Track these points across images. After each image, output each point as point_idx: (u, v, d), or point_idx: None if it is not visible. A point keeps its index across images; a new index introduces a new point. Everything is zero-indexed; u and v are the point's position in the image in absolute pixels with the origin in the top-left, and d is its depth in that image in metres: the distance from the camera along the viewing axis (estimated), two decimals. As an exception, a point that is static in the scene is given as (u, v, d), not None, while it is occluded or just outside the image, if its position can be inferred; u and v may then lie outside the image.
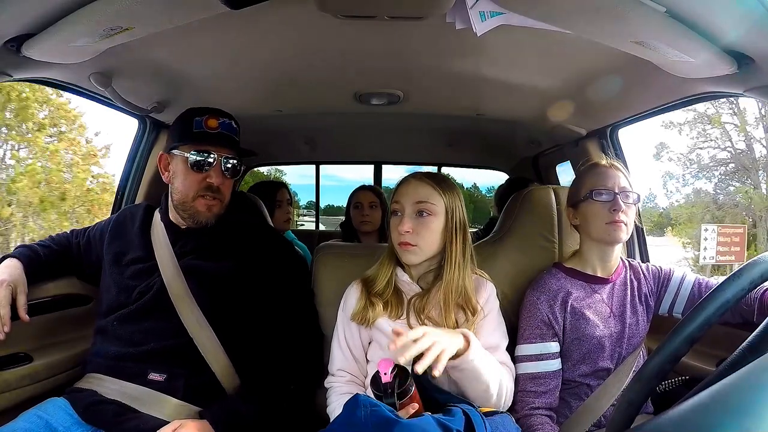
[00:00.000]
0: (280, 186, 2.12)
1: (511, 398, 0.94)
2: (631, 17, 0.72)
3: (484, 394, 0.86)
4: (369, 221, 1.94)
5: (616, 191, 1.01)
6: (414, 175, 1.00)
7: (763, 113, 10.71)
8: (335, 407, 0.94)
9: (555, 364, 1.00)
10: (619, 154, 1.56)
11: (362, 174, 2.89)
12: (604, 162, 1.08)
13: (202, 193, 1.02)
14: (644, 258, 1.51)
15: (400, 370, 0.76)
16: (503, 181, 2.44)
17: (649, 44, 0.80)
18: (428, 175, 1.00)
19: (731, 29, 0.72)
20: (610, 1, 0.70)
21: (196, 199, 1.02)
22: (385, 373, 0.75)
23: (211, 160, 1.01)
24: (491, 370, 0.86)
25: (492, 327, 0.97)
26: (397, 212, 0.98)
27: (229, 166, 1.04)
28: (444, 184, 0.98)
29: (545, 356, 1.00)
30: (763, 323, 0.52)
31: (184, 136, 1.02)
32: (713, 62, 0.80)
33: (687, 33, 0.74)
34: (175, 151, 1.03)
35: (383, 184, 2.76)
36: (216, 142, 1.02)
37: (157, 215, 1.11)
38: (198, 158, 1.01)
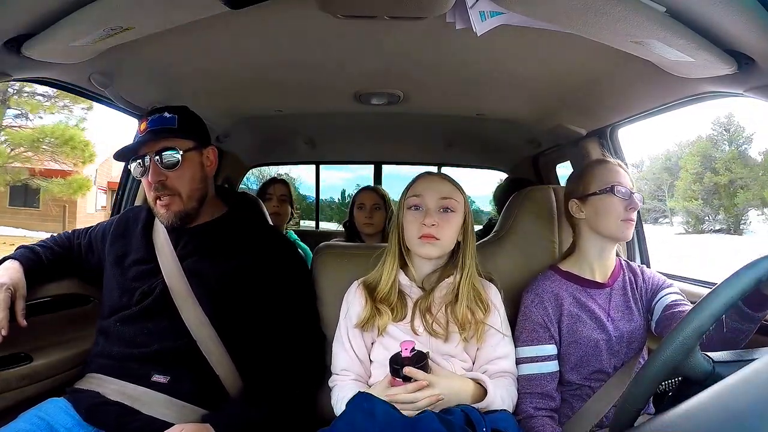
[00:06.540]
0: (275, 181, 2.13)
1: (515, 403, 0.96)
2: (631, 17, 0.72)
3: None
4: (371, 223, 1.93)
5: (633, 191, 1.01)
6: (433, 173, 1.04)
7: None
8: (340, 399, 0.94)
9: (552, 366, 1.00)
10: (619, 154, 1.56)
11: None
12: (613, 161, 1.08)
13: (157, 195, 1.01)
14: (645, 261, 1.51)
15: (418, 353, 0.83)
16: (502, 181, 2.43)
17: (649, 44, 0.80)
18: (445, 174, 1.04)
19: (731, 29, 0.72)
20: (610, 1, 0.70)
21: (155, 202, 1.02)
22: (405, 348, 0.82)
23: (146, 162, 1.00)
24: (505, 403, 0.91)
25: (499, 336, 0.97)
26: (418, 206, 0.97)
27: (163, 158, 1.00)
28: (458, 184, 1.02)
29: (541, 358, 1.00)
30: None
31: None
32: (713, 62, 0.80)
33: (687, 33, 0.74)
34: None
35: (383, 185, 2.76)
36: (146, 142, 1.01)
37: None
38: (136, 167, 1.01)
